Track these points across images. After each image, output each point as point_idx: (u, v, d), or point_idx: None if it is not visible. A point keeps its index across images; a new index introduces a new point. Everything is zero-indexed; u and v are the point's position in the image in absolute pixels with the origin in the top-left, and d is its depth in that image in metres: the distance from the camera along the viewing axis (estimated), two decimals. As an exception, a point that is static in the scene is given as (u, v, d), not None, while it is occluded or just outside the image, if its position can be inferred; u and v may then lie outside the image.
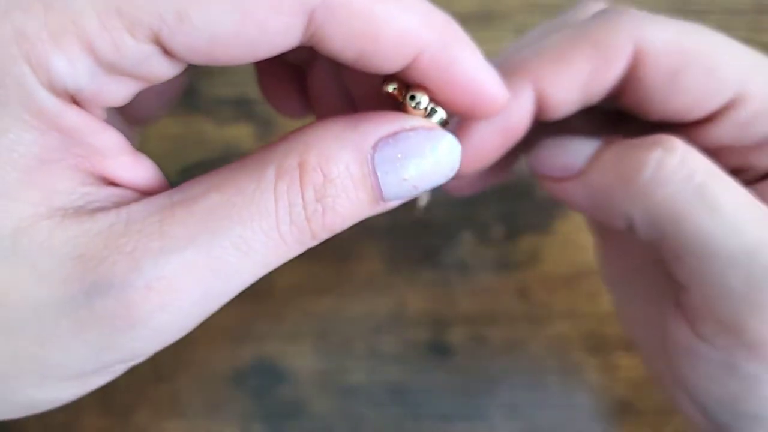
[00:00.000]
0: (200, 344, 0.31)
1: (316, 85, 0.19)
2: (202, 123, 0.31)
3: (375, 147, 0.14)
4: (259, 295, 0.31)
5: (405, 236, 0.30)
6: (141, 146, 0.23)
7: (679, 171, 0.17)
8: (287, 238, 0.14)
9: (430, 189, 0.15)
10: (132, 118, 0.20)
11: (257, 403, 0.30)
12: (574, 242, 0.30)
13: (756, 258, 0.16)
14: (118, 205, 0.14)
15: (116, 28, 0.12)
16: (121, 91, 0.13)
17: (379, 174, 0.14)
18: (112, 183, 0.14)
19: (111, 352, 0.13)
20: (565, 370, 0.30)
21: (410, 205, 0.21)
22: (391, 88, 0.15)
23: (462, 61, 0.14)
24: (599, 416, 0.29)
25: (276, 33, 0.13)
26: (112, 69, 0.13)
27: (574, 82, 0.18)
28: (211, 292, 0.13)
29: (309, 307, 0.31)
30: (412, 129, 0.14)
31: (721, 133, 0.18)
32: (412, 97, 0.15)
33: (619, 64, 0.18)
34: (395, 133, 0.14)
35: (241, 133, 0.31)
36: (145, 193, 0.15)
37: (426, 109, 0.15)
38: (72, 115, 0.13)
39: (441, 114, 0.15)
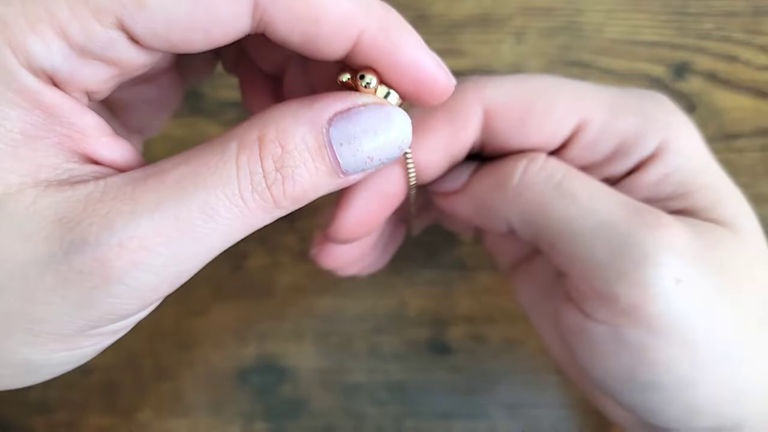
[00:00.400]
0: (203, 343, 0.31)
1: (290, 93, 0.21)
2: (206, 125, 0.32)
3: (330, 121, 0.15)
4: (261, 295, 0.31)
5: (405, 236, 0.31)
6: (146, 149, 0.24)
7: (541, 174, 0.20)
8: (250, 205, 0.15)
9: (385, 161, 0.16)
10: (132, 128, 0.21)
11: (259, 402, 0.31)
12: (573, 243, 0.31)
13: (613, 231, 0.19)
14: (98, 178, 0.15)
15: (84, 15, 0.14)
16: (95, 75, 0.15)
17: (334, 146, 0.15)
18: (94, 161, 0.15)
19: (91, 308, 0.14)
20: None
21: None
22: (345, 77, 0.16)
23: (402, 43, 0.16)
24: (598, 414, 0.29)
25: (225, 18, 0.14)
26: (84, 52, 0.14)
27: (437, 145, 0.21)
28: (180, 252, 0.14)
29: (310, 306, 0.31)
30: (364, 105, 0.16)
31: (575, 154, 0.21)
32: (362, 77, 0.16)
33: (473, 125, 0.21)
34: (349, 109, 0.16)
35: (243, 135, 0.32)
36: (124, 171, 0.16)
37: (376, 89, 0.16)
38: (52, 95, 0.14)
39: (395, 97, 0.16)
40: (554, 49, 0.31)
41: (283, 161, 0.15)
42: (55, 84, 0.14)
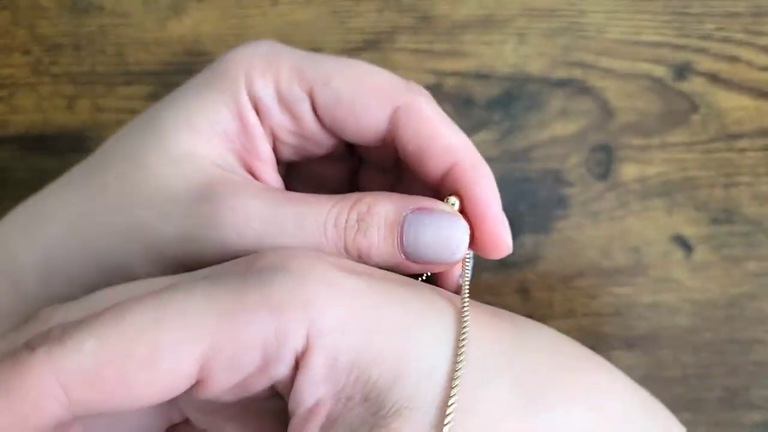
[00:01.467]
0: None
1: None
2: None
3: (412, 211, 0.19)
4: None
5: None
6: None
7: None
8: (327, 234, 0.19)
9: (438, 258, 0.19)
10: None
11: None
12: (574, 242, 0.31)
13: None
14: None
15: (293, 77, 0.20)
16: (281, 122, 0.21)
17: (405, 228, 0.19)
18: (252, 174, 0.21)
19: (185, 239, 0.19)
20: (564, 368, 0.30)
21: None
22: None
23: (484, 184, 0.20)
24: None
25: (371, 112, 0.20)
26: (281, 100, 0.20)
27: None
28: (266, 237, 0.19)
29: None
30: (443, 212, 0.19)
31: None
32: (449, 198, 0.20)
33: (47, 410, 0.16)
34: (431, 209, 0.19)
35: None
36: None
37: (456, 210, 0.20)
38: (252, 115, 0.20)
39: (465, 224, 0.20)
40: (556, 49, 0.31)
41: (364, 217, 0.19)
42: (257, 112, 0.20)
